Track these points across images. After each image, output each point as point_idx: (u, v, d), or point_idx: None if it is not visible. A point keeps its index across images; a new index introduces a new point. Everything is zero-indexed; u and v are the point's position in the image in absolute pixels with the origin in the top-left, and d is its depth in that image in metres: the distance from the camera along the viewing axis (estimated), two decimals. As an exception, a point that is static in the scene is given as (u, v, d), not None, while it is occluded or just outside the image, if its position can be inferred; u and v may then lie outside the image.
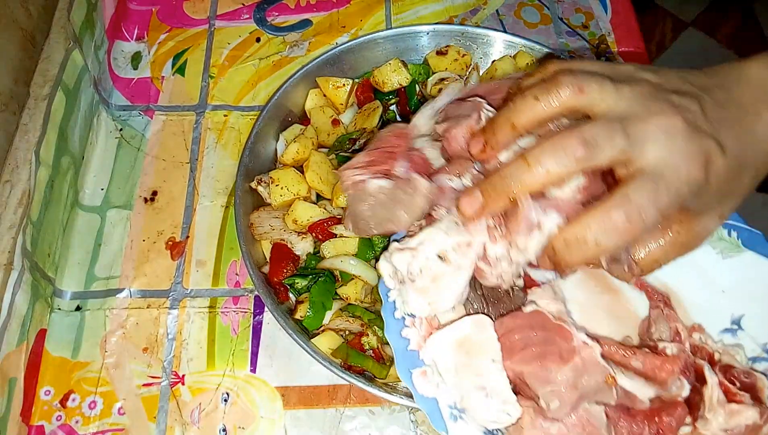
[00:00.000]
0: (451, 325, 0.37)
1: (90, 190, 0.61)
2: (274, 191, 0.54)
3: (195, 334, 0.54)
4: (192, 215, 0.59)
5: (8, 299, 0.47)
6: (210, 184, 0.61)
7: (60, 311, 0.54)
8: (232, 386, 0.51)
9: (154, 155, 0.63)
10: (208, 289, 0.56)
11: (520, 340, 0.36)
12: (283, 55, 0.70)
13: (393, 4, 0.74)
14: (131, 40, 0.70)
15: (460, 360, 0.36)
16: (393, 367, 0.49)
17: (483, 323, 0.37)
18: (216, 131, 0.64)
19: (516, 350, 0.36)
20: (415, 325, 0.38)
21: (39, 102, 0.54)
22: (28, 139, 0.52)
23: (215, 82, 0.67)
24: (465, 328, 0.37)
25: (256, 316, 0.55)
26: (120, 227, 0.59)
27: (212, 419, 0.50)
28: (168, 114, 0.65)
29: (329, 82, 0.60)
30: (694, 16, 1.74)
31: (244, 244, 0.51)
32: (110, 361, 0.52)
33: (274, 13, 0.73)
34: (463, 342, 0.37)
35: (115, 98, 0.66)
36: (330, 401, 0.51)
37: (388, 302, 0.38)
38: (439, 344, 0.37)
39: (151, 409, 0.50)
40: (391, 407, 0.51)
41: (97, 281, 0.56)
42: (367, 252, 0.52)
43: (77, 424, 0.50)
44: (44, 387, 0.51)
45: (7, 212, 0.49)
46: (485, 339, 0.37)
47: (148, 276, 0.56)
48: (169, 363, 0.52)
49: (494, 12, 0.74)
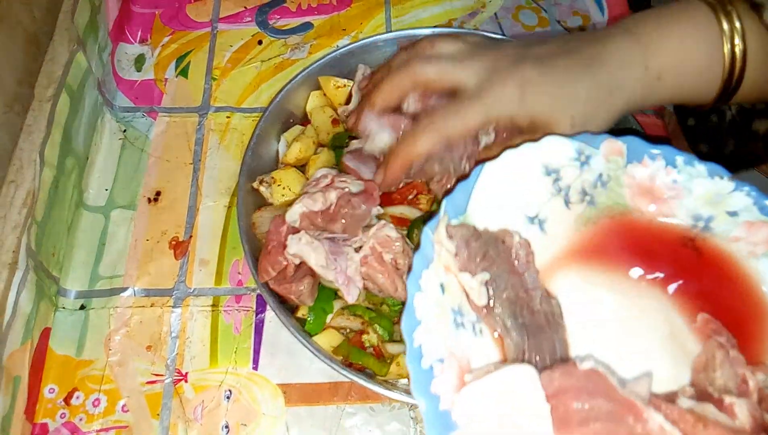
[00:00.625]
0: (489, 375, 0.30)
1: (94, 191, 0.61)
2: (276, 191, 0.55)
3: (198, 333, 0.54)
4: (195, 215, 0.60)
5: (13, 298, 0.47)
6: (213, 184, 0.62)
7: (64, 310, 0.55)
8: (235, 384, 0.52)
9: (158, 156, 0.63)
10: (210, 288, 0.56)
11: (577, 411, 0.29)
12: (284, 57, 0.70)
13: (393, 8, 0.74)
14: (135, 43, 0.71)
15: (502, 423, 0.29)
16: (393, 365, 0.49)
17: (529, 377, 0.30)
18: (219, 132, 0.65)
19: (573, 423, 0.29)
20: (444, 371, 0.30)
21: (43, 103, 0.55)
22: (33, 139, 0.53)
23: (218, 84, 0.68)
24: (506, 380, 0.30)
25: (258, 314, 0.55)
26: (124, 227, 0.59)
27: (215, 416, 0.50)
28: (171, 115, 0.66)
29: (331, 81, 0.61)
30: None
31: (247, 243, 0.52)
32: (114, 359, 0.53)
33: (276, 16, 0.74)
34: (505, 400, 0.29)
35: (119, 100, 0.67)
36: (331, 398, 0.51)
37: (413, 348, 0.30)
38: (475, 399, 0.29)
39: (154, 407, 0.51)
40: (392, 404, 0.52)
41: (102, 280, 0.56)
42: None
43: (81, 421, 0.50)
44: (48, 385, 0.51)
45: (11, 212, 0.50)
46: (533, 399, 0.29)
47: (151, 275, 0.57)
48: (172, 361, 0.53)
49: (493, 15, 0.75)
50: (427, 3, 0.75)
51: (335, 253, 0.48)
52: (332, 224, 0.50)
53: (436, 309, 0.31)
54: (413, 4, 0.75)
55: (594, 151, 0.38)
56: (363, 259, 0.49)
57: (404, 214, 0.53)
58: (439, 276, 0.32)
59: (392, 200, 0.54)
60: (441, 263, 0.32)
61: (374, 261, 0.49)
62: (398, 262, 0.49)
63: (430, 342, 0.30)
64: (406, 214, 0.53)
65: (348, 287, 0.48)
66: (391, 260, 0.49)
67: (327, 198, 0.50)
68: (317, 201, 0.50)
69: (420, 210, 0.53)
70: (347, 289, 0.48)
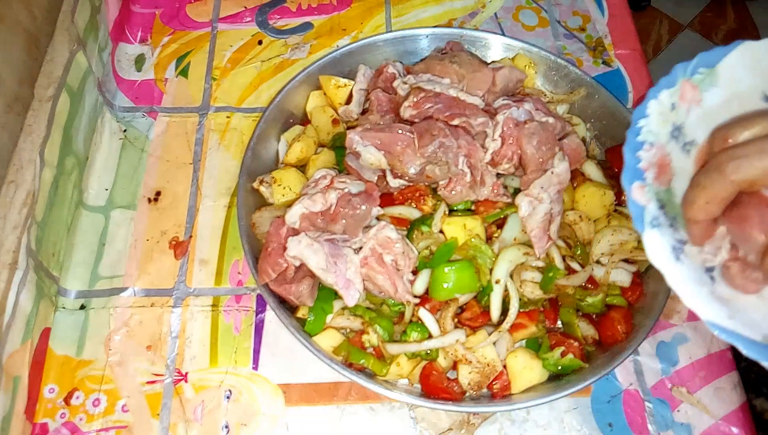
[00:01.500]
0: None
1: (94, 191, 0.61)
2: (276, 191, 0.55)
3: (198, 332, 0.54)
4: (195, 215, 0.60)
5: (13, 298, 0.47)
6: (213, 184, 0.62)
7: (64, 310, 0.55)
8: (235, 383, 0.52)
9: (158, 156, 0.63)
10: (210, 288, 0.56)
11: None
12: (284, 57, 0.70)
13: (393, 8, 0.74)
14: (135, 43, 0.71)
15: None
16: (393, 365, 0.49)
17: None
18: (218, 132, 0.65)
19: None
20: (650, 150, 0.36)
21: (43, 103, 0.55)
22: (33, 139, 0.53)
23: (218, 84, 0.68)
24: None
25: (258, 314, 0.55)
26: (124, 227, 0.59)
27: (215, 416, 0.50)
28: (171, 115, 0.66)
29: (331, 81, 0.61)
30: (690, 18, 1.75)
31: (247, 243, 0.52)
32: (114, 359, 0.53)
33: (276, 16, 0.74)
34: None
35: (119, 100, 0.67)
36: (331, 398, 0.51)
37: (635, 127, 0.37)
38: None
39: (154, 407, 0.51)
40: (391, 404, 0.52)
41: (102, 280, 0.56)
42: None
43: (81, 421, 0.50)
44: (48, 385, 0.51)
45: (11, 212, 0.50)
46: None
47: (151, 275, 0.57)
48: (172, 361, 0.53)
49: (493, 15, 0.75)
50: (427, 3, 0.75)
51: (335, 255, 0.48)
52: (333, 225, 0.50)
53: (661, 117, 0.37)
54: (413, 4, 0.75)
55: None
56: (363, 260, 0.49)
57: (404, 214, 0.53)
58: (673, 97, 0.37)
59: (392, 201, 0.54)
60: (679, 90, 0.38)
61: (374, 262, 0.49)
62: (399, 263, 0.49)
63: (648, 129, 0.36)
64: (406, 215, 0.53)
65: (348, 290, 0.48)
66: (392, 261, 0.49)
67: (327, 199, 0.50)
68: (317, 202, 0.50)
69: (422, 211, 0.53)
70: (347, 292, 0.48)
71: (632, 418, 0.52)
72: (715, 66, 0.38)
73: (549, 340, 0.51)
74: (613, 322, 0.51)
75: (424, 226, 0.52)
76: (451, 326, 0.50)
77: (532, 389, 0.50)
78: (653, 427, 0.51)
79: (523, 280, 0.51)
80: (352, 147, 0.52)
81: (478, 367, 0.49)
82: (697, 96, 0.38)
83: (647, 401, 0.53)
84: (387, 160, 0.51)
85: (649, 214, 0.35)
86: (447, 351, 0.49)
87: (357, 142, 0.51)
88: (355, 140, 0.51)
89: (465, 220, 0.51)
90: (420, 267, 0.51)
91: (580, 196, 0.55)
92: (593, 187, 0.55)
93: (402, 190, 0.54)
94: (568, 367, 0.50)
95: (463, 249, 0.51)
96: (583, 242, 0.54)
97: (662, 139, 0.37)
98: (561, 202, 0.52)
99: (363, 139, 0.51)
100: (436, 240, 0.52)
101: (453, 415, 0.51)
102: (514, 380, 0.50)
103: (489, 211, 0.53)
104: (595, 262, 0.53)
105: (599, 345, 0.52)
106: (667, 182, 0.37)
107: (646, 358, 0.54)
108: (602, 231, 0.53)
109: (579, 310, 0.53)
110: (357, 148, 0.51)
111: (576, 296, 0.52)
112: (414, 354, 0.49)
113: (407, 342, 0.50)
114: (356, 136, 0.51)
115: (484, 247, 0.51)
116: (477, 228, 0.52)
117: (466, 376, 0.49)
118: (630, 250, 0.53)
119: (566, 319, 0.52)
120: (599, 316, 0.53)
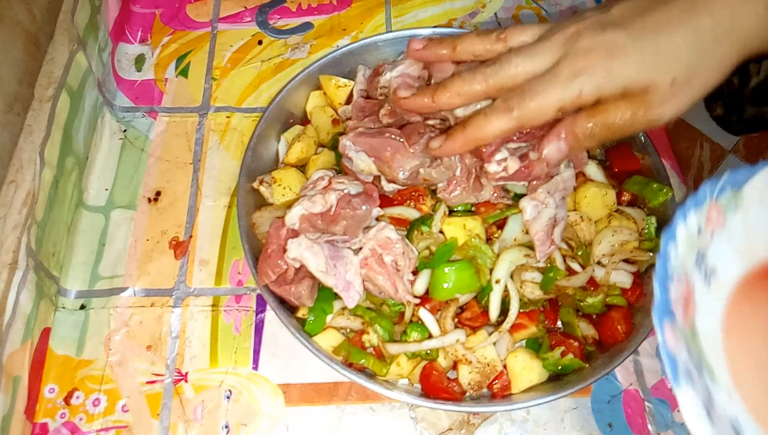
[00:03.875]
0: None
1: (94, 191, 0.61)
2: (276, 191, 0.55)
3: (198, 332, 0.54)
4: (195, 215, 0.60)
5: (13, 298, 0.47)
6: (213, 184, 0.62)
7: (64, 310, 0.55)
8: (235, 383, 0.52)
9: (158, 156, 0.63)
10: (211, 288, 0.56)
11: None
12: (284, 57, 0.70)
13: (393, 8, 0.74)
14: (135, 43, 0.71)
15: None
16: (393, 365, 0.49)
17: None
18: (219, 132, 0.65)
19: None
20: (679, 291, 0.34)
21: (43, 103, 0.55)
22: (33, 139, 0.53)
23: (218, 84, 0.68)
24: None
25: (258, 314, 0.55)
26: (124, 227, 0.59)
27: (215, 416, 0.50)
28: (171, 115, 0.66)
29: (331, 81, 0.61)
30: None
31: (247, 243, 0.52)
32: (114, 359, 0.53)
33: (276, 16, 0.74)
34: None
35: (119, 100, 0.67)
36: (331, 398, 0.51)
37: (664, 252, 0.35)
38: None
39: (154, 407, 0.51)
40: (392, 404, 0.52)
41: (102, 280, 0.57)
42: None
43: (81, 421, 0.50)
44: (48, 385, 0.51)
45: (11, 212, 0.50)
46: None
47: (151, 275, 0.57)
48: (172, 361, 0.53)
49: (493, 15, 0.75)
50: (427, 3, 0.75)
51: (335, 257, 0.48)
52: (333, 226, 0.50)
53: (688, 243, 0.36)
54: (413, 4, 0.75)
55: None
56: (363, 260, 0.49)
57: (403, 215, 0.53)
58: (700, 220, 0.36)
59: (391, 201, 0.54)
60: (706, 213, 0.37)
61: (374, 263, 0.49)
62: (398, 264, 0.49)
63: (675, 257, 0.35)
64: (406, 215, 0.53)
65: (347, 292, 0.48)
66: (392, 262, 0.49)
67: (327, 200, 0.50)
68: (317, 203, 0.50)
69: (421, 211, 0.53)
70: (347, 294, 0.48)
71: (632, 418, 0.52)
72: (742, 187, 0.37)
73: (549, 340, 0.51)
74: (613, 322, 0.51)
75: (424, 226, 0.52)
76: (451, 326, 0.50)
77: (532, 389, 0.50)
78: (653, 427, 0.51)
79: (523, 280, 0.51)
80: (345, 152, 0.51)
81: (478, 367, 0.49)
82: (721, 220, 0.37)
83: (647, 401, 0.53)
84: (377, 166, 0.51)
85: (681, 364, 0.32)
86: (447, 351, 0.49)
87: (349, 148, 0.51)
88: (348, 146, 0.51)
89: (465, 221, 0.51)
90: (420, 267, 0.51)
91: (582, 197, 0.55)
92: (595, 187, 0.55)
93: (401, 191, 0.54)
94: (568, 367, 0.50)
95: (463, 249, 0.51)
96: (584, 243, 0.54)
97: (688, 268, 0.35)
98: (565, 208, 0.52)
99: (355, 144, 0.51)
100: (436, 240, 0.52)
101: (453, 415, 0.51)
102: (514, 380, 0.50)
103: (489, 211, 0.53)
104: (596, 262, 0.53)
105: (599, 345, 0.52)
106: (691, 322, 0.34)
107: (646, 358, 0.54)
108: (603, 231, 0.53)
109: (579, 310, 0.53)
110: (349, 154, 0.51)
111: (576, 297, 0.52)
112: (414, 354, 0.49)
113: (407, 342, 0.50)
114: (348, 141, 0.51)
115: (484, 248, 0.51)
116: (477, 228, 0.52)
117: (466, 376, 0.49)
118: (630, 250, 0.53)
119: (566, 319, 0.52)
120: (599, 316, 0.53)
